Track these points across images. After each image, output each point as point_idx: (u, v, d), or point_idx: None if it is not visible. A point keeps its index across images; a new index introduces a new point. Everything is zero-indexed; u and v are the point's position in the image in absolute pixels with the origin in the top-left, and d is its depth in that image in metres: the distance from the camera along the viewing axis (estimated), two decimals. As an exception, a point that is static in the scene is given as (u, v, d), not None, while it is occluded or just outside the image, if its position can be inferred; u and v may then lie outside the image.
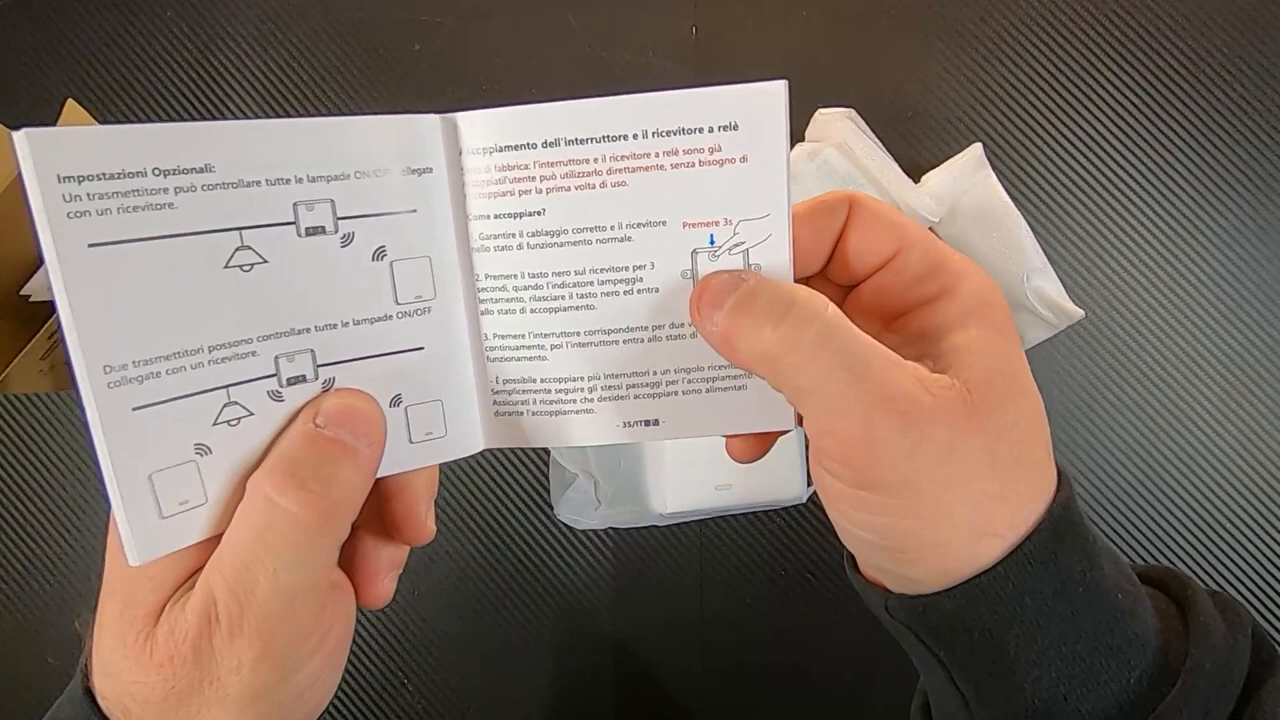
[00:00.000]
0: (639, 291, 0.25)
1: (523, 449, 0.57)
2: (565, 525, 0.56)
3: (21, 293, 0.47)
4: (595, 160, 0.24)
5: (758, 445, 0.28)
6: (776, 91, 0.23)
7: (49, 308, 0.48)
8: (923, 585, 0.23)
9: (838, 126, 0.52)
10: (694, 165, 0.24)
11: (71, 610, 0.58)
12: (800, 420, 0.25)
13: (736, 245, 0.24)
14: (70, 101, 0.49)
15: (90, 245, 0.20)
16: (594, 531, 0.57)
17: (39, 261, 0.47)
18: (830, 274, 0.26)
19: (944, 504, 0.22)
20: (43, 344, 0.48)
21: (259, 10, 0.59)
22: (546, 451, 0.56)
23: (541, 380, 0.26)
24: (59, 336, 0.48)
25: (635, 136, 0.23)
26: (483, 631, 0.57)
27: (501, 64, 0.58)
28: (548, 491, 0.57)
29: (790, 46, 0.58)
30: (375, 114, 0.24)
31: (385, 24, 0.59)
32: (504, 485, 0.58)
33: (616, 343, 0.25)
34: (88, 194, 0.20)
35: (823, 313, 0.22)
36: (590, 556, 0.57)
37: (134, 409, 0.21)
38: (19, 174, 0.19)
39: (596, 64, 0.58)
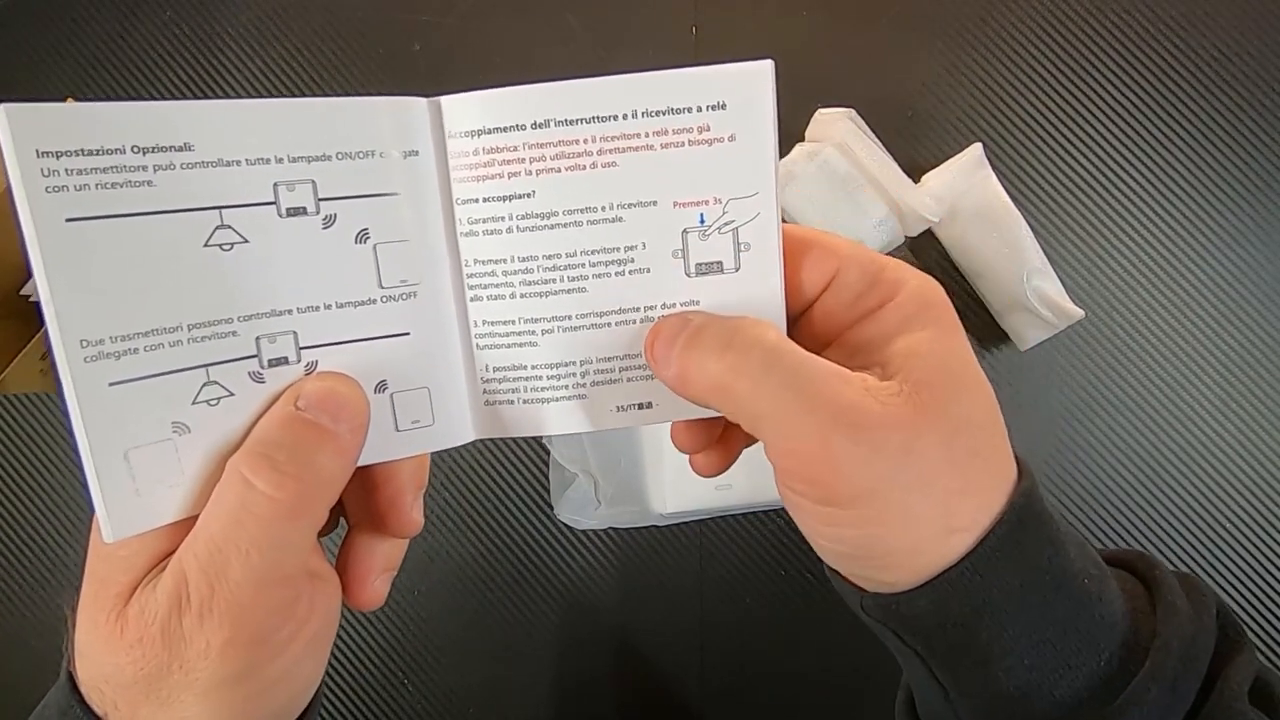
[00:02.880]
0: (630, 272, 0.25)
1: (522, 448, 0.57)
2: (565, 525, 0.56)
3: (21, 292, 0.47)
4: (585, 141, 0.24)
5: (718, 460, 0.28)
6: (763, 70, 0.23)
7: (49, 308, 0.48)
8: (897, 585, 0.24)
9: (838, 126, 0.52)
10: (683, 145, 0.24)
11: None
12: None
13: (726, 224, 0.24)
14: (70, 101, 0.49)
15: (68, 220, 0.20)
16: (594, 531, 0.57)
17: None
18: None
19: (909, 507, 0.22)
20: (42, 344, 0.49)
21: (259, 10, 0.59)
22: (546, 451, 0.56)
23: (533, 367, 0.26)
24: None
25: (625, 116, 0.23)
26: (483, 631, 0.57)
27: (501, 64, 0.58)
28: (548, 491, 0.57)
29: (790, 46, 0.58)
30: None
31: (385, 24, 0.59)
32: (504, 485, 0.58)
33: (609, 325, 0.25)
34: (66, 169, 0.20)
35: (764, 338, 0.23)
36: (590, 556, 0.57)
37: (111, 384, 0.21)
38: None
39: (596, 64, 0.58)
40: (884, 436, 0.22)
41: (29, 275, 0.47)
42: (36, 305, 0.48)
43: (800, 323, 0.26)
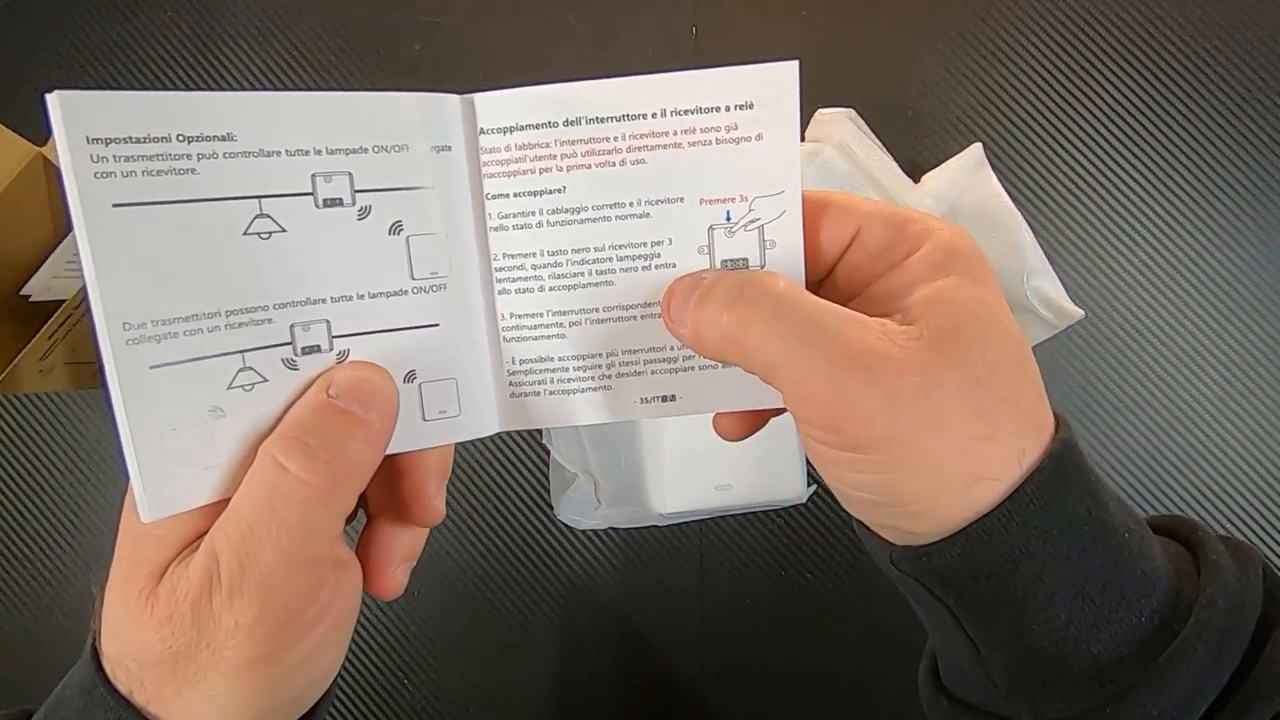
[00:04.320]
0: (657, 267, 0.25)
1: (522, 448, 0.57)
2: (565, 525, 0.56)
3: (21, 293, 0.47)
4: (615, 138, 0.24)
5: (746, 424, 0.28)
6: (789, 70, 0.24)
7: (49, 308, 0.48)
8: (925, 537, 0.23)
9: (838, 126, 0.52)
10: (710, 143, 0.24)
11: (71, 611, 0.58)
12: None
13: (752, 222, 0.25)
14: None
15: (114, 205, 0.21)
16: (594, 531, 0.57)
17: (39, 262, 0.47)
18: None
19: (929, 451, 0.22)
20: (43, 344, 0.48)
21: (259, 10, 0.59)
22: (546, 451, 0.57)
23: (559, 359, 0.26)
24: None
25: (654, 115, 0.24)
26: (483, 631, 0.57)
27: (501, 64, 0.58)
28: (548, 491, 0.57)
29: (790, 46, 0.58)
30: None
31: (385, 24, 0.59)
32: (504, 485, 0.58)
33: (635, 318, 0.26)
34: (114, 156, 0.21)
35: (774, 288, 0.23)
36: (590, 556, 0.57)
37: (151, 367, 0.22)
38: (50, 137, 0.20)
39: (596, 64, 0.58)
40: (901, 380, 0.21)
41: (29, 275, 0.47)
42: (38, 305, 0.48)
43: (825, 282, 0.26)
